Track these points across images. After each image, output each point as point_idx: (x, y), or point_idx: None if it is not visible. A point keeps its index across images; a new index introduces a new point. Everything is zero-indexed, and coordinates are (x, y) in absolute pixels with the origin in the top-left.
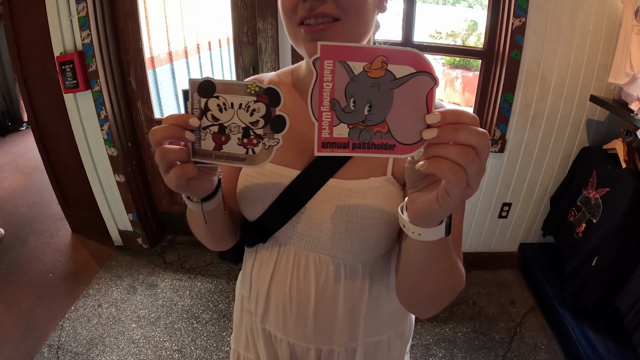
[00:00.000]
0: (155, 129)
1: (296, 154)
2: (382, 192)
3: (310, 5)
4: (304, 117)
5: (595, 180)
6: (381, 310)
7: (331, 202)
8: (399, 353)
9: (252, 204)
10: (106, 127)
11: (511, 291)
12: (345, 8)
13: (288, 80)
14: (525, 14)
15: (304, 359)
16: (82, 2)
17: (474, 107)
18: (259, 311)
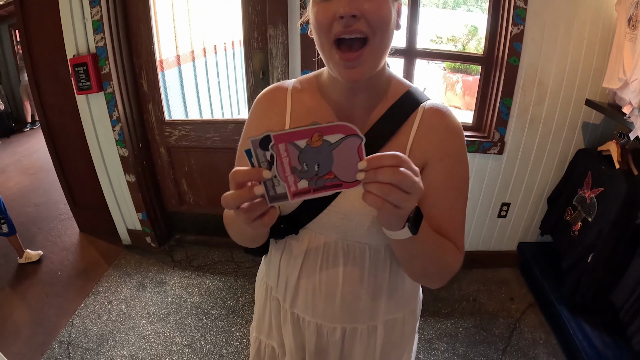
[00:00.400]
0: (230, 197)
1: None
2: None
3: (346, 22)
4: (330, 118)
5: (591, 180)
6: (400, 288)
7: (359, 195)
8: (412, 329)
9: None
10: (118, 128)
11: (510, 288)
12: (374, 27)
13: (312, 86)
14: (523, 22)
15: (329, 338)
16: (96, 6)
17: (474, 111)
18: (288, 297)
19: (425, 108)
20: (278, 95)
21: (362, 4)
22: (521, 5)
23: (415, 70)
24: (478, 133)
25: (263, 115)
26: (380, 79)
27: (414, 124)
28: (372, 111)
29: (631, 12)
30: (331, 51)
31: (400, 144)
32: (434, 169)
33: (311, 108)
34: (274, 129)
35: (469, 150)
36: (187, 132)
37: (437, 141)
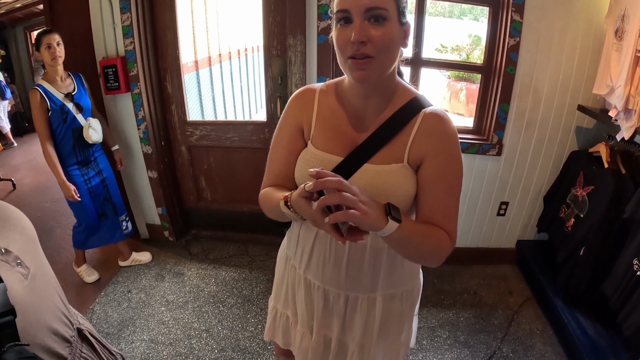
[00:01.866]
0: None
1: (340, 145)
2: (400, 174)
3: (356, 47)
4: (345, 119)
5: (582, 179)
6: (398, 267)
7: (365, 180)
8: (410, 308)
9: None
10: (143, 127)
11: (509, 283)
12: (379, 49)
13: (333, 90)
14: (519, 34)
15: (334, 303)
16: (126, 13)
17: (474, 115)
18: (302, 264)
19: (426, 113)
20: (308, 96)
21: (370, 31)
22: (517, 19)
23: (421, 78)
24: (478, 136)
25: (296, 113)
26: (390, 86)
27: (415, 126)
28: (381, 113)
29: (618, 24)
30: (346, 62)
31: (403, 141)
32: (429, 165)
33: (333, 108)
34: (304, 123)
35: (469, 152)
36: (208, 132)
37: (433, 141)
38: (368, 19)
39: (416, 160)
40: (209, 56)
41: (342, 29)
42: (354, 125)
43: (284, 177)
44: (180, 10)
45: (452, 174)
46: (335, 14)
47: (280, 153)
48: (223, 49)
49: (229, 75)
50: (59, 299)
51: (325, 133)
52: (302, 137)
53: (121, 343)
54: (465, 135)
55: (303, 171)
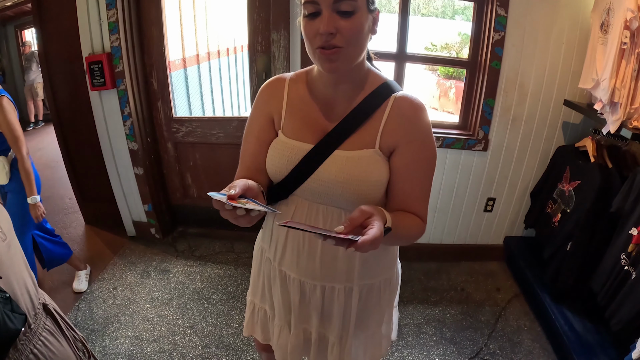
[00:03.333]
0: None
1: (310, 133)
2: (372, 160)
3: (325, 38)
4: (315, 107)
5: (569, 174)
6: (373, 257)
7: (336, 167)
8: (389, 298)
9: (278, 170)
10: (129, 123)
11: (497, 280)
12: (347, 40)
13: (303, 78)
14: (504, 29)
15: (311, 295)
16: (112, 9)
17: (460, 111)
18: (277, 256)
19: (397, 97)
20: (278, 85)
21: (339, 23)
22: (502, 13)
23: (405, 74)
24: (464, 131)
25: (265, 103)
26: (359, 73)
27: (386, 111)
28: (351, 100)
29: (603, 18)
30: (315, 52)
31: (374, 127)
32: (403, 151)
33: (303, 97)
34: (274, 112)
35: (455, 147)
36: (194, 129)
37: (406, 126)
38: (337, 10)
39: (389, 147)
40: (197, 54)
41: (310, 20)
42: (324, 113)
43: (255, 169)
44: (168, 7)
45: (425, 161)
46: (303, 5)
47: (251, 144)
48: (212, 47)
49: (217, 73)
50: (27, 274)
51: (295, 121)
52: (273, 127)
53: (105, 340)
54: (451, 131)
55: (274, 161)
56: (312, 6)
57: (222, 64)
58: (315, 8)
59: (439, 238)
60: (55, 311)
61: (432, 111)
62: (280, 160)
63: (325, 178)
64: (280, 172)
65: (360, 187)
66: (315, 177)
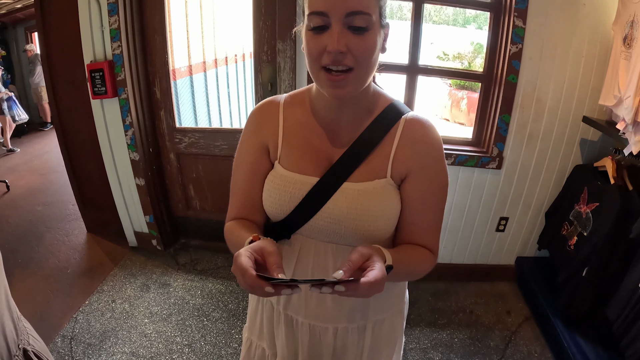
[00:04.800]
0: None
1: (314, 164)
2: (385, 191)
3: (334, 57)
4: (317, 133)
5: (586, 195)
6: (388, 290)
7: (347, 201)
8: (400, 328)
9: (279, 208)
10: (130, 133)
11: (507, 302)
12: (359, 61)
13: (303, 100)
14: (521, 41)
15: (322, 338)
16: (114, 15)
17: (474, 126)
18: (281, 299)
19: (407, 119)
20: (271, 109)
21: (350, 40)
22: (520, 24)
23: (417, 86)
24: (477, 148)
25: (257, 130)
26: (366, 95)
27: (396, 135)
28: (357, 124)
29: (626, 31)
30: (319, 73)
31: (384, 154)
32: (415, 178)
33: (302, 122)
34: (269, 140)
35: (467, 165)
36: (197, 140)
37: (418, 152)
38: (348, 26)
39: (400, 174)
40: (204, 61)
41: (316, 34)
42: (327, 140)
43: (250, 207)
44: (174, 13)
45: (438, 189)
46: (307, 16)
47: (243, 178)
48: (219, 54)
49: (225, 81)
50: (8, 317)
51: (294, 151)
52: (267, 157)
53: (102, 355)
54: (464, 147)
55: (274, 198)
56: (319, 18)
57: (230, 71)
58: (323, 21)
59: (449, 257)
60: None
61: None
62: (282, 198)
63: (335, 215)
64: (281, 210)
65: (377, 222)
66: (323, 214)
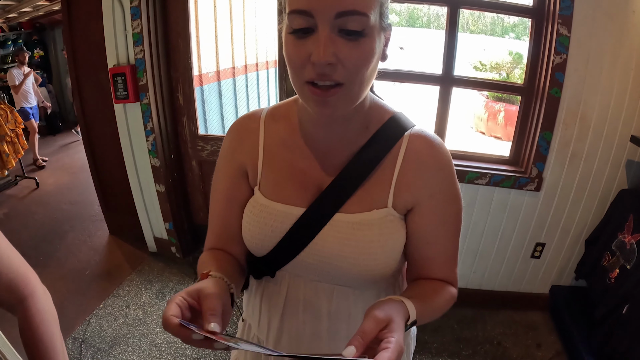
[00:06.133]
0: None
1: (299, 191)
2: (385, 223)
3: (320, 70)
4: (303, 154)
5: (632, 224)
6: None
7: (339, 236)
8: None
9: (260, 243)
10: (151, 139)
11: (538, 334)
12: (351, 74)
13: (289, 114)
14: (566, 50)
15: None
16: (137, 19)
17: (512, 144)
18: (271, 338)
19: (411, 135)
20: (250, 126)
21: (341, 49)
22: (564, 33)
23: (451, 98)
24: (515, 167)
25: (234, 150)
26: (361, 109)
27: (399, 155)
28: (351, 143)
29: None
30: (302, 87)
31: (385, 178)
32: (424, 208)
33: (285, 140)
34: (247, 163)
35: (503, 186)
36: (219, 148)
37: (426, 177)
38: (339, 29)
39: (405, 204)
40: (233, 66)
41: (298, 39)
42: (315, 161)
43: (227, 237)
44: (201, 18)
45: (452, 217)
46: (288, 15)
47: (219, 205)
48: (249, 60)
49: (254, 87)
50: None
51: (277, 175)
52: (246, 181)
53: None
54: (500, 167)
55: (254, 232)
56: (302, 19)
57: (261, 78)
58: (306, 22)
59: (478, 283)
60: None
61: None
62: (262, 231)
63: (325, 252)
64: (263, 246)
65: (376, 260)
66: (310, 251)
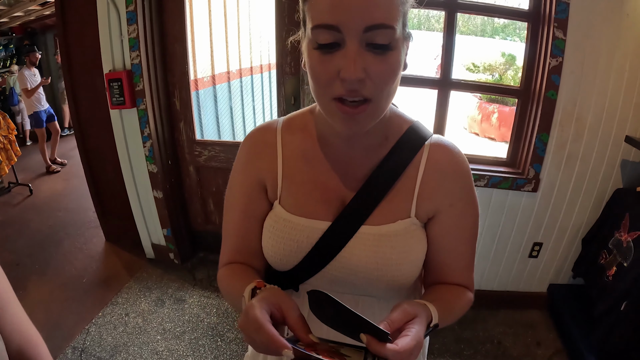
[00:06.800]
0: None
1: (323, 205)
2: (410, 233)
3: (350, 86)
4: (324, 166)
5: (628, 222)
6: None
7: (365, 249)
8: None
9: (285, 258)
10: (148, 144)
11: (537, 332)
12: (379, 88)
13: (305, 125)
14: (562, 53)
15: None
16: (133, 24)
17: (509, 146)
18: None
19: (432, 144)
20: (266, 138)
21: (370, 65)
22: (560, 36)
23: (449, 102)
24: (512, 169)
25: (251, 163)
26: (382, 118)
27: (420, 166)
28: (373, 152)
29: None
30: (330, 104)
31: (407, 189)
32: (445, 216)
33: (304, 151)
34: (266, 177)
35: (501, 187)
36: (217, 153)
37: (447, 187)
38: (367, 43)
39: (427, 212)
40: (228, 71)
41: (324, 54)
42: (337, 174)
43: (247, 252)
44: (196, 23)
45: (470, 224)
46: (312, 30)
47: (236, 221)
48: (244, 64)
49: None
50: None
51: (299, 189)
52: (264, 195)
53: None
54: (498, 168)
55: (278, 247)
56: (329, 34)
57: (256, 81)
58: (333, 37)
59: (477, 284)
60: None
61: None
62: (288, 247)
63: (352, 265)
64: (288, 261)
65: (401, 269)
66: (337, 264)
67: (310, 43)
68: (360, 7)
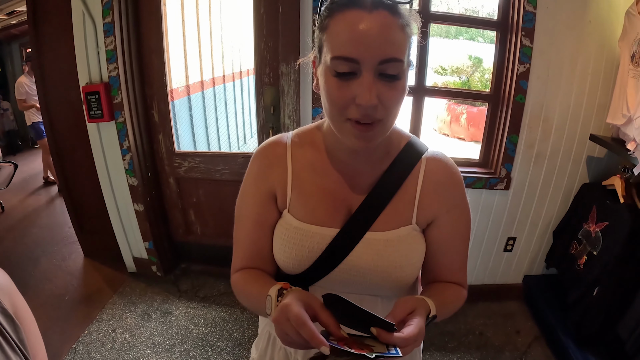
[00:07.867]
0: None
1: (331, 213)
2: (411, 238)
3: (364, 112)
4: (331, 177)
5: (595, 214)
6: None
7: (371, 253)
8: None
9: (297, 263)
10: (128, 158)
11: (516, 321)
12: (389, 111)
13: (314, 139)
14: (529, 60)
15: None
16: (110, 36)
17: (481, 147)
18: (300, 351)
19: (428, 158)
20: (278, 151)
21: (382, 93)
22: (527, 44)
23: (424, 108)
24: (485, 169)
25: (262, 175)
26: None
27: (419, 177)
28: (376, 166)
29: (634, 49)
30: (344, 124)
31: (408, 199)
32: (441, 222)
33: (313, 163)
34: (276, 187)
35: (475, 187)
36: (197, 164)
37: (443, 195)
38: (379, 73)
39: (426, 219)
40: (202, 80)
41: (342, 82)
42: (344, 184)
43: (259, 258)
44: (170, 31)
45: (464, 228)
46: (332, 60)
47: (248, 228)
48: (217, 72)
49: (222, 100)
50: None
51: (308, 199)
52: (274, 205)
53: None
54: (472, 169)
55: (290, 253)
56: (346, 64)
57: (228, 90)
58: (350, 67)
59: None
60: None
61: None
62: (299, 252)
63: (359, 267)
64: (299, 265)
65: (403, 271)
66: (344, 267)
67: (328, 70)
68: (377, 43)
